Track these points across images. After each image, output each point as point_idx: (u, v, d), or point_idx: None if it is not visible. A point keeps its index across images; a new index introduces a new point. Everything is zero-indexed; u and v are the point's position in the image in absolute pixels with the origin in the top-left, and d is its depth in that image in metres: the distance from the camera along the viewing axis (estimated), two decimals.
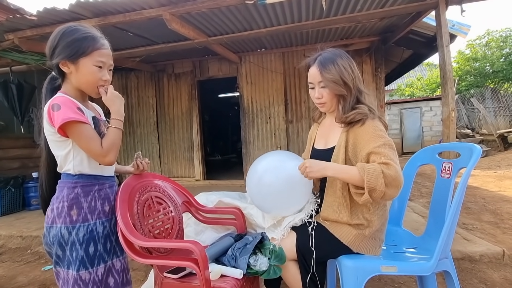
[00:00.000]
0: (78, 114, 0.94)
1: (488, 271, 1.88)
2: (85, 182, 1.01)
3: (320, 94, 1.19)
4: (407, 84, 16.54)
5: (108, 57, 1.04)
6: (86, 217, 1.00)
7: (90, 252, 0.99)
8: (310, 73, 1.21)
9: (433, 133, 10.53)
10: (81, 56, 0.98)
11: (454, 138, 2.41)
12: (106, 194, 1.07)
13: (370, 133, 1.09)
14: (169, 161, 5.33)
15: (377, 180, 0.97)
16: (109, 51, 1.05)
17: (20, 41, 3.00)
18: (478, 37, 12.19)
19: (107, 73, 1.05)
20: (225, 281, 1.06)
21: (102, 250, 1.02)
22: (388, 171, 0.98)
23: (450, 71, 2.47)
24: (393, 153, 1.04)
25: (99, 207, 1.03)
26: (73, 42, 0.98)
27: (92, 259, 0.99)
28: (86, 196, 1.01)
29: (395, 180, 0.97)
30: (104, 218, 1.04)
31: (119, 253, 1.08)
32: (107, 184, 1.08)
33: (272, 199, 1.20)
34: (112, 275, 1.05)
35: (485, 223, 2.83)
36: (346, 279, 1.05)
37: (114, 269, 1.06)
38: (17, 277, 2.23)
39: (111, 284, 1.04)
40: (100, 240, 1.02)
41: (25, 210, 4.04)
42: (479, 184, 4.63)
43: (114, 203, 1.09)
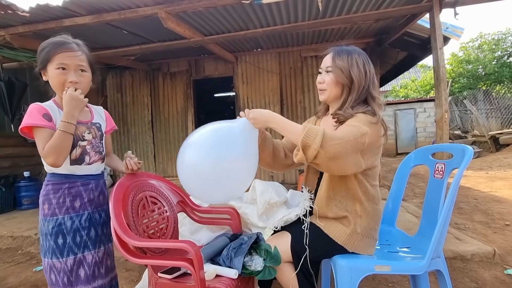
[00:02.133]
0: (39, 120, 1.04)
1: (479, 270, 1.91)
2: (56, 181, 1.11)
3: (322, 79, 1.20)
4: (402, 86, 16.74)
5: (72, 59, 1.08)
6: (55, 212, 1.10)
7: (59, 243, 1.09)
8: (324, 59, 1.22)
9: (426, 134, 10.67)
10: (47, 63, 1.08)
11: (447, 139, 2.44)
12: (77, 191, 1.13)
13: (353, 119, 1.09)
14: (163, 161, 5.30)
15: (315, 138, 0.95)
16: (76, 53, 1.10)
17: (11, 38, 2.95)
18: (471, 40, 12.41)
19: (73, 75, 1.08)
20: (220, 281, 1.06)
21: (71, 242, 1.10)
22: (330, 135, 0.97)
23: (443, 73, 2.51)
24: (353, 134, 1.00)
25: (68, 203, 1.11)
26: (41, 51, 1.08)
27: (62, 250, 1.09)
28: (56, 193, 1.11)
29: (332, 146, 0.95)
30: (74, 213, 1.12)
31: (90, 247, 1.14)
32: (79, 182, 1.14)
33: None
34: (83, 267, 1.11)
35: (476, 223, 2.87)
36: (341, 278, 1.06)
37: (85, 261, 1.12)
38: (7, 278, 2.19)
39: (82, 275, 1.11)
40: (69, 233, 1.10)
41: (16, 210, 3.97)
42: (471, 184, 4.71)
43: (88, 199, 1.15)
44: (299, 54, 4.67)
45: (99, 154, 1.20)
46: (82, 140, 1.13)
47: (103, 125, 1.25)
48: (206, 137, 1.08)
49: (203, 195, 1.16)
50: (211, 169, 1.02)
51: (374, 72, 1.18)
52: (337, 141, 0.97)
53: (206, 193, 1.11)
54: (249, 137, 1.10)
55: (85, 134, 1.14)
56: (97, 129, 1.20)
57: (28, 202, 3.98)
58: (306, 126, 1.00)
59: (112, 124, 1.32)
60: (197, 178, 1.05)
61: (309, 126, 1.00)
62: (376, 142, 1.10)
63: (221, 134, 1.07)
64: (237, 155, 1.05)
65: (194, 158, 1.05)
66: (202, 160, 1.03)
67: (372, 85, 1.16)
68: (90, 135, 1.16)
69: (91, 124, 1.19)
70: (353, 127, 1.03)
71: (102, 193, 1.22)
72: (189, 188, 1.11)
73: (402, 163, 1.42)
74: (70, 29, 2.82)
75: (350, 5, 2.89)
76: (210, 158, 1.02)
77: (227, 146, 1.04)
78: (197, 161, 1.04)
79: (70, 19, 2.75)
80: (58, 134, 1.02)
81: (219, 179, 1.04)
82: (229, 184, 1.07)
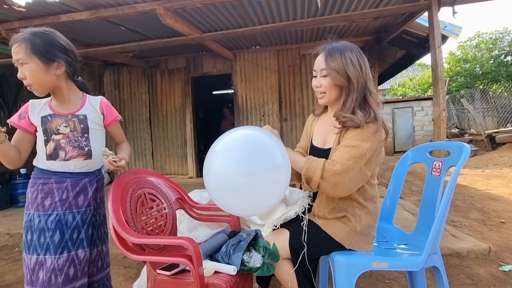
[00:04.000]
0: (14, 117, 1.07)
1: (474, 266, 1.93)
2: (35, 175, 1.10)
3: (319, 83, 1.16)
4: (400, 84, 16.77)
5: (13, 54, 1.01)
6: (28, 206, 1.09)
7: (28, 239, 1.07)
8: (316, 60, 1.18)
9: (424, 132, 10.71)
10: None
11: (444, 137, 2.46)
12: (49, 189, 1.08)
13: (354, 133, 1.08)
14: (161, 158, 5.28)
15: (316, 170, 1.03)
16: (13, 47, 1.00)
17: (7, 33, 2.92)
18: (469, 39, 12.44)
19: (19, 71, 1.02)
20: (218, 277, 1.06)
21: (36, 241, 1.06)
22: (330, 167, 1.03)
23: (441, 72, 2.52)
24: (352, 158, 1.03)
25: (38, 200, 1.07)
26: None
27: (29, 246, 1.06)
28: (31, 187, 1.09)
29: (333, 176, 1.02)
30: (42, 211, 1.07)
31: (52, 251, 1.05)
32: (53, 179, 1.08)
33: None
34: (42, 270, 1.04)
35: (472, 220, 2.90)
36: (339, 274, 1.07)
37: (44, 264, 1.04)
38: (4, 276, 2.18)
39: (40, 278, 1.03)
40: (35, 231, 1.06)
41: (13, 207, 3.95)
42: (468, 182, 4.74)
43: (60, 199, 1.08)
44: (297, 52, 4.66)
45: (79, 150, 1.10)
46: (56, 134, 1.07)
47: (93, 117, 1.14)
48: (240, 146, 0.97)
49: (238, 208, 1.03)
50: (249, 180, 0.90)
51: (368, 64, 1.15)
52: (338, 170, 1.02)
53: (242, 206, 1.00)
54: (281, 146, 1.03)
55: (61, 127, 1.07)
56: (79, 122, 1.10)
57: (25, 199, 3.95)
58: (309, 159, 1.07)
59: (113, 116, 1.21)
60: (232, 190, 0.94)
61: (311, 159, 1.07)
62: (377, 149, 1.11)
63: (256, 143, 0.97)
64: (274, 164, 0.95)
65: (227, 168, 0.94)
66: (237, 172, 0.92)
67: (368, 79, 1.14)
68: (67, 128, 1.08)
69: (72, 116, 1.10)
70: (353, 149, 1.04)
71: (83, 193, 1.11)
72: (218, 199, 1.01)
73: (400, 161, 1.43)
74: (67, 25, 2.80)
75: (349, 3, 2.89)
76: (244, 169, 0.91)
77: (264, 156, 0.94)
78: (230, 172, 0.93)
79: (67, 14, 2.72)
80: None
81: (257, 190, 0.93)
82: (267, 195, 0.97)
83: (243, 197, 0.94)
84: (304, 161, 1.08)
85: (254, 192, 0.93)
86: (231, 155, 0.96)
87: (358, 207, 1.15)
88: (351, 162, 1.03)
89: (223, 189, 0.96)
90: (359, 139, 1.06)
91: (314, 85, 1.20)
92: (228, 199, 0.98)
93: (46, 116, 1.08)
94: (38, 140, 1.09)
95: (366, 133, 1.07)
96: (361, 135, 1.07)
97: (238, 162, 0.93)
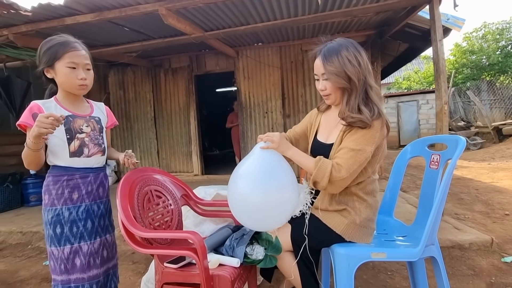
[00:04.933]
0: (26, 118, 1.09)
1: (476, 258, 1.95)
2: (55, 173, 1.17)
3: (324, 86, 1.18)
4: (405, 77, 16.58)
5: (80, 58, 1.14)
6: (54, 202, 1.15)
7: (57, 232, 1.15)
8: (315, 64, 1.20)
9: (429, 126, 10.60)
10: (55, 61, 1.12)
11: (446, 130, 2.46)
12: (75, 183, 1.18)
13: (359, 135, 1.11)
14: (167, 156, 5.36)
15: (324, 177, 1.09)
16: (82, 52, 1.15)
17: (15, 37, 2.99)
18: (475, 30, 12.20)
19: (82, 72, 1.15)
20: (223, 269, 1.11)
21: (68, 232, 1.15)
22: (337, 174, 1.08)
23: (443, 65, 2.51)
24: (357, 162, 1.09)
25: (66, 195, 1.16)
26: (47, 50, 1.13)
27: (59, 239, 1.15)
28: (55, 184, 1.15)
29: (338, 182, 1.10)
30: (71, 205, 1.16)
31: (86, 238, 1.18)
32: (77, 174, 1.18)
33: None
34: (78, 257, 1.16)
35: (476, 213, 2.90)
36: (339, 265, 1.11)
37: (81, 251, 1.17)
38: (19, 272, 2.27)
39: (77, 264, 1.16)
40: (66, 223, 1.15)
41: (24, 206, 4.05)
42: (473, 175, 4.72)
43: (86, 192, 1.19)
44: (300, 48, 4.66)
45: (99, 147, 1.23)
46: (80, 133, 1.17)
47: (103, 119, 1.29)
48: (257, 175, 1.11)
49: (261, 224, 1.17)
50: (262, 200, 1.07)
51: (366, 57, 1.15)
52: (343, 176, 1.08)
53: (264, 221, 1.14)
54: (282, 160, 1.17)
55: (83, 127, 1.19)
56: (96, 122, 1.25)
57: (36, 199, 4.06)
58: (318, 163, 1.11)
59: (113, 120, 1.37)
60: (253, 211, 1.10)
61: (320, 163, 1.11)
62: (380, 147, 1.16)
63: (265, 168, 1.12)
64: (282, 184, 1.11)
65: (247, 194, 1.09)
66: (255, 195, 1.08)
67: (368, 74, 1.14)
68: (89, 128, 1.21)
69: (90, 117, 1.23)
70: (358, 154, 1.09)
71: (102, 186, 1.25)
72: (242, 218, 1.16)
73: (399, 155, 1.45)
74: (72, 27, 2.85)
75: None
76: (261, 192, 1.08)
77: (274, 177, 1.10)
78: (250, 197, 1.08)
79: (72, 17, 2.78)
80: (25, 148, 1.05)
81: (271, 208, 1.09)
82: (279, 211, 1.12)
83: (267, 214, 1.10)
84: (313, 165, 1.12)
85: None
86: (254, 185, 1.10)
87: (358, 201, 1.19)
88: (355, 166, 1.09)
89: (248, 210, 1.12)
90: (364, 142, 1.09)
91: (319, 89, 1.22)
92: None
93: (67, 116, 1.15)
94: (55, 139, 1.13)
95: (371, 133, 1.10)
96: (366, 136, 1.10)
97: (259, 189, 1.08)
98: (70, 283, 1.15)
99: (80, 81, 1.13)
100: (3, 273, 2.27)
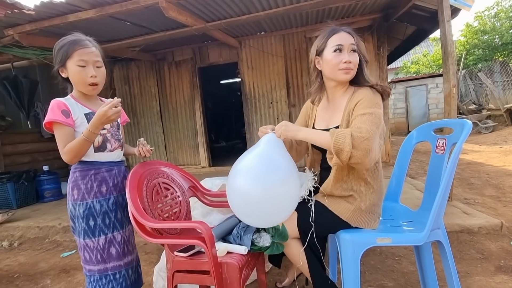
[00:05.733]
0: (57, 115, 1.11)
1: (485, 242, 1.94)
2: (82, 168, 1.20)
3: (350, 59, 1.18)
4: (413, 61, 16.13)
5: (89, 55, 1.15)
6: (84, 197, 1.19)
7: (91, 225, 1.19)
8: (341, 36, 1.19)
9: (439, 110, 10.38)
10: (66, 60, 1.13)
11: (455, 114, 2.41)
12: (103, 177, 1.22)
13: (368, 98, 1.14)
14: (174, 150, 5.42)
15: (345, 141, 1.01)
16: (91, 49, 1.16)
17: (20, 36, 3.03)
18: (487, 8, 11.68)
19: (92, 70, 1.15)
20: (231, 257, 1.14)
21: (101, 224, 1.20)
22: (357, 134, 1.03)
23: (451, 47, 2.44)
24: (374, 122, 1.07)
25: (95, 188, 1.20)
26: (60, 49, 1.14)
27: (93, 231, 1.19)
28: (83, 179, 1.19)
29: (363, 143, 1.01)
30: (101, 197, 1.21)
31: (119, 227, 1.24)
32: (103, 168, 1.23)
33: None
34: (113, 246, 1.23)
35: (487, 197, 2.87)
36: (344, 251, 1.12)
37: (115, 240, 1.23)
38: (38, 264, 2.38)
39: (113, 253, 1.22)
40: (99, 215, 1.20)
41: (39, 202, 4.19)
42: (484, 160, 4.63)
43: (113, 184, 1.24)
44: (303, 35, 4.58)
45: (118, 142, 1.29)
46: (102, 129, 1.19)
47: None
48: (254, 166, 1.10)
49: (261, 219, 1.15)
50: (262, 195, 1.05)
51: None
52: (365, 136, 1.02)
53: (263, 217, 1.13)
54: (282, 150, 1.17)
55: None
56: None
57: (50, 195, 4.19)
58: (334, 132, 1.06)
59: (125, 116, 1.41)
60: (252, 206, 1.08)
61: (336, 131, 1.06)
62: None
63: (265, 162, 1.10)
64: (282, 178, 1.08)
65: (245, 187, 1.08)
66: (254, 189, 1.06)
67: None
68: (109, 124, 1.23)
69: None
70: (372, 116, 1.08)
71: (125, 178, 1.30)
72: (241, 214, 1.16)
73: (405, 140, 1.44)
74: (75, 24, 2.87)
75: None
76: (260, 186, 1.05)
77: (273, 171, 1.08)
78: (249, 190, 1.06)
79: (74, 14, 2.79)
80: (80, 140, 1.09)
81: (271, 203, 1.08)
82: (281, 204, 1.11)
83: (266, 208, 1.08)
84: (329, 135, 1.07)
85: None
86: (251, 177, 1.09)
87: (365, 186, 1.19)
88: (374, 127, 1.06)
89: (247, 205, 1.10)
90: (372, 106, 1.11)
91: (342, 60, 1.17)
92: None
93: (89, 113, 1.18)
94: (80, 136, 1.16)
95: (376, 100, 1.14)
96: (372, 102, 1.13)
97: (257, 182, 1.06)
98: (107, 271, 1.21)
99: (90, 79, 1.14)
100: (24, 265, 2.38)
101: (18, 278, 2.16)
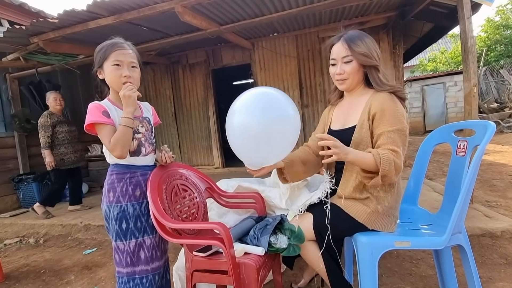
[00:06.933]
0: (99, 117, 1.13)
1: (509, 246, 1.87)
2: (119, 171, 1.22)
3: (342, 70, 1.22)
4: (430, 59, 15.65)
5: (125, 56, 1.18)
6: (119, 199, 1.20)
7: (123, 227, 1.20)
8: (334, 49, 1.24)
9: (458, 109, 10.01)
10: (103, 61, 1.18)
11: (476, 115, 2.33)
12: (137, 181, 1.23)
13: (392, 111, 1.13)
14: (188, 151, 5.52)
15: (390, 167, 1.05)
16: (128, 51, 1.19)
17: (44, 44, 3.18)
18: (510, 2, 11.19)
19: (126, 70, 1.18)
20: (249, 257, 1.16)
21: (133, 227, 1.21)
22: (397, 160, 1.07)
23: (472, 45, 2.36)
24: (403, 141, 1.11)
25: (130, 192, 1.21)
26: (98, 52, 1.19)
27: (125, 234, 1.20)
28: (119, 182, 1.21)
29: (400, 168, 1.09)
30: (135, 201, 1.22)
31: (149, 232, 1.24)
32: (138, 172, 1.24)
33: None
34: (143, 250, 1.23)
35: (510, 200, 2.76)
36: (362, 254, 1.12)
37: (144, 245, 1.23)
38: (62, 260, 2.49)
39: (142, 257, 1.23)
40: (131, 219, 1.21)
41: (62, 201, 4.37)
42: (507, 160, 4.45)
43: (146, 189, 1.23)
44: (316, 35, 4.55)
45: (152, 146, 1.30)
46: (137, 133, 1.23)
47: (151, 119, 1.35)
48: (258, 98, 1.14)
49: (255, 157, 1.16)
50: (263, 127, 1.05)
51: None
52: (401, 162, 1.08)
53: (258, 154, 1.13)
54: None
55: (139, 128, 1.24)
56: (148, 123, 1.30)
57: None
58: (377, 156, 1.05)
59: (157, 119, 1.42)
60: (250, 138, 1.08)
61: (380, 155, 1.06)
62: None
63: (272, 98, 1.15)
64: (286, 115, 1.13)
65: (246, 119, 1.10)
66: (255, 119, 1.07)
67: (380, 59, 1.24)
68: (143, 128, 1.26)
69: (143, 118, 1.28)
70: (400, 134, 1.11)
71: None
72: (239, 150, 1.15)
73: (424, 141, 1.41)
74: (95, 30, 2.98)
75: None
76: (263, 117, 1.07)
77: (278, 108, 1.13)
78: (249, 121, 1.08)
79: (94, 21, 2.90)
80: (121, 128, 1.12)
81: (270, 138, 1.08)
82: (280, 142, 1.11)
83: (259, 144, 1.08)
84: (372, 157, 1.06)
85: (268, 139, 1.07)
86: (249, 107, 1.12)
87: (383, 189, 1.18)
88: (404, 148, 1.12)
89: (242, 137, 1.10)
90: (398, 119, 1.13)
91: (335, 73, 1.25)
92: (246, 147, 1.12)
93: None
94: None
95: (399, 109, 1.15)
96: (397, 114, 1.13)
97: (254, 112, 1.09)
98: (135, 275, 1.22)
99: (124, 78, 1.16)
100: (50, 261, 2.49)
101: (44, 273, 2.27)
